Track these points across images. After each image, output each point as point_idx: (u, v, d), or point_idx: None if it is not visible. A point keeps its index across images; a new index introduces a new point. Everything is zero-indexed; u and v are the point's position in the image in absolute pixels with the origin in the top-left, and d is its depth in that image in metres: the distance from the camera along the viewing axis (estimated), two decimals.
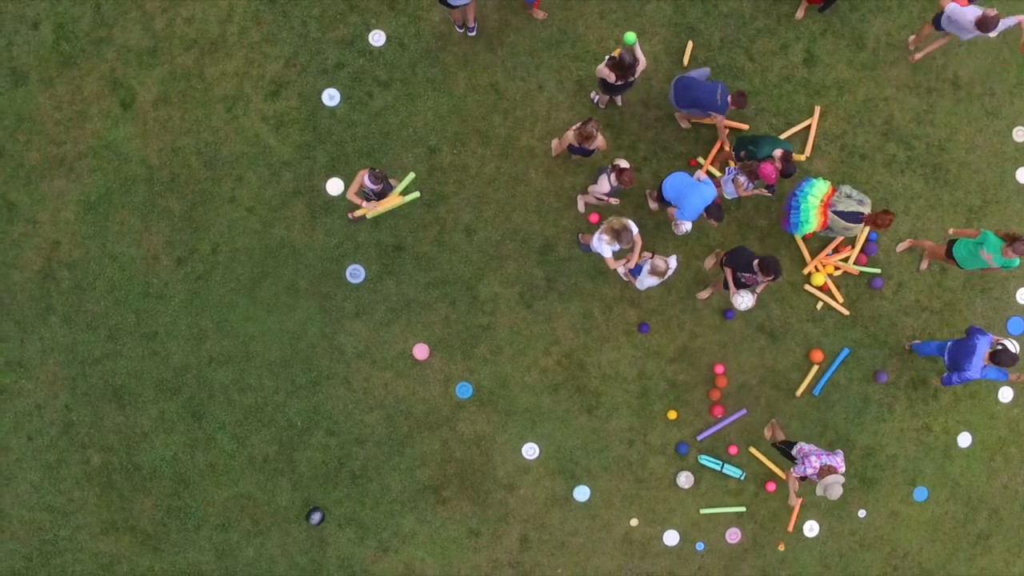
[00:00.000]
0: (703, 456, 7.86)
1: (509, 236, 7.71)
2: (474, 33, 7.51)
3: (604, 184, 6.77)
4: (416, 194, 6.57)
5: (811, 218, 7.22)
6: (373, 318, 7.67)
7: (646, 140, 7.77)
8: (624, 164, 6.71)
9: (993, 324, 8.18)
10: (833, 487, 6.47)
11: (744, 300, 6.65)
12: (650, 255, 6.73)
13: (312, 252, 7.64)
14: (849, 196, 7.15)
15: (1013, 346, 7.09)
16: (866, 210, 7.07)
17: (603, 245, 6.48)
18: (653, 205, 7.53)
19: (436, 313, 7.70)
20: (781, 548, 7.99)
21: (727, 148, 7.52)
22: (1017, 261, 6.69)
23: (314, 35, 7.63)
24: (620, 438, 7.83)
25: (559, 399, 7.78)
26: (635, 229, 6.44)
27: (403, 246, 7.66)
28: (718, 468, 7.86)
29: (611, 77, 6.53)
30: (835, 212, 7.11)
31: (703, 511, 7.85)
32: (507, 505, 7.82)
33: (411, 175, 6.52)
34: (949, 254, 7.19)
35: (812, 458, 6.67)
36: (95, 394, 7.65)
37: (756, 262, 6.48)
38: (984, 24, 6.66)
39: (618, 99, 7.62)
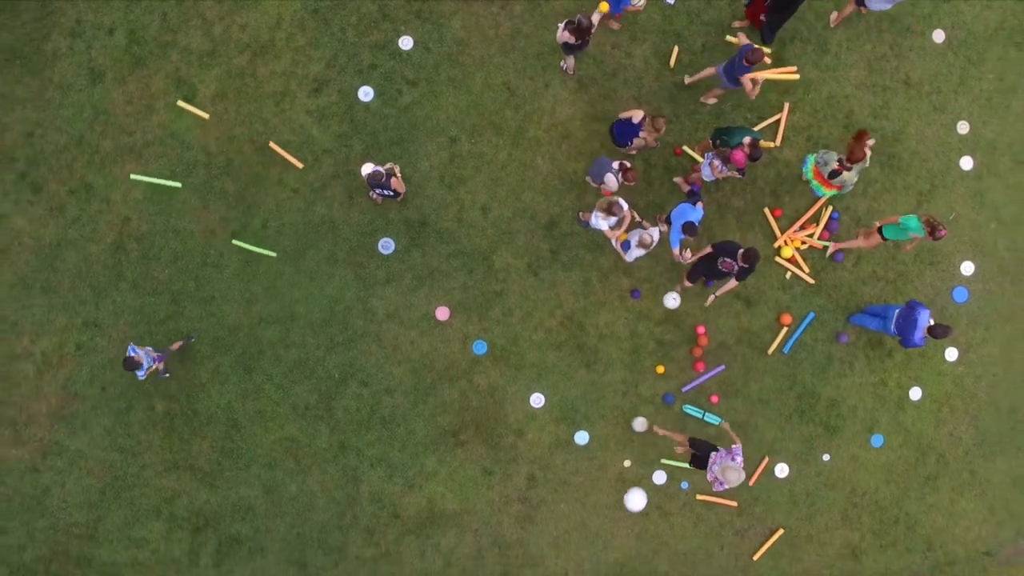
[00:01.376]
0: (687, 406, 9.04)
1: (519, 214, 8.90)
2: None
3: (612, 183, 7.89)
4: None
5: (818, 187, 8.36)
6: (401, 284, 8.86)
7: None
8: (628, 163, 7.83)
9: (940, 293, 9.37)
10: (728, 471, 7.42)
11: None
12: (644, 224, 7.88)
13: (348, 227, 8.82)
14: (826, 163, 8.18)
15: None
16: (835, 164, 8.04)
17: (600, 220, 7.66)
18: (663, 227, 8.48)
19: (456, 280, 8.89)
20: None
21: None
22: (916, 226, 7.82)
23: (351, 40, 8.83)
24: (615, 389, 9.01)
25: (562, 355, 8.97)
26: (625, 204, 7.62)
27: (427, 222, 8.85)
28: (700, 416, 9.04)
29: (571, 39, 7.61)
30: (829, 178, 8.18)
31: (663, 460, 9.00)
32: (517, 448, 9.00)
33: None
34: (883, 236, 8.27)
35: (715, 467, 7.68)
36: (160, 350, 8.82)
37: (741, 252, 7.55)
38: None
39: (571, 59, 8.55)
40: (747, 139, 7.77)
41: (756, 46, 7.64)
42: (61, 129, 8.74)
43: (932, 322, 8.02)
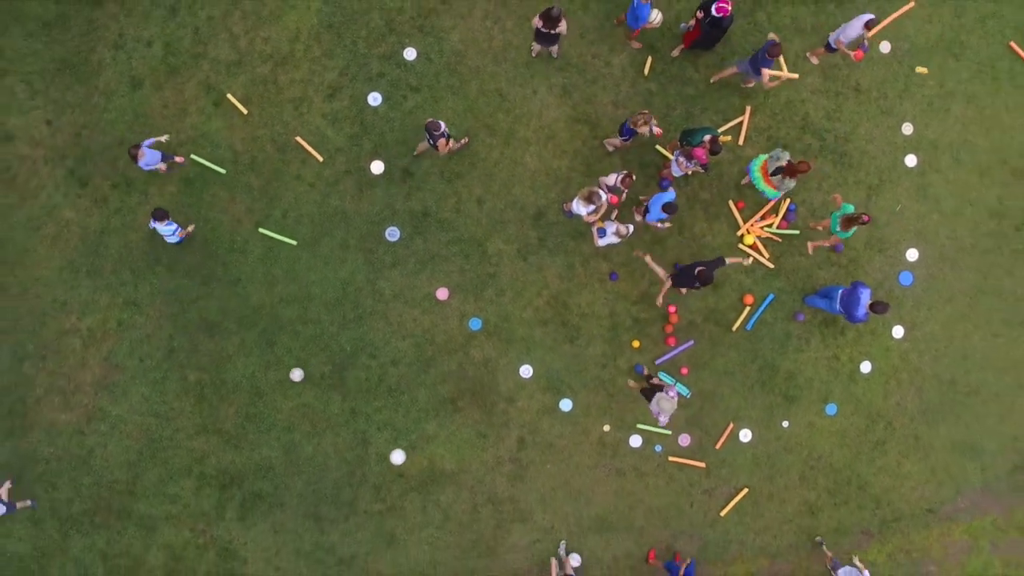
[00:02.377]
0: (661, 373, 10.14)
1: (510, 205, 10.02)
2: None
3: (612, 178, 8.97)
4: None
5: (762, 184, 9.48)
6: (406, 268, 9.98)
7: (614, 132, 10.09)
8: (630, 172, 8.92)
9: (888, 277, 10.47)
10: (663, 402, 8.56)
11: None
12: (615, 222, 9.00)
13: (359, 217, 9.95)
14: (777, 158, 9.32)
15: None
16: (784, 162, 9.19)
17: (580, 206, 8.78)
18: (638, 218, 9.64)
19: (454, 264, 10.01)
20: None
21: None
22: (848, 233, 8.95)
23: (362, 51, 9.96)
24: (595, 362, 10.12)
25: (548, 331, 10.08)
26: (604, 195, 8.73)
27: (429, 213, 9.97)
28: (671, 384, 10.12)
29: (538, 23, 8.64)
30: (771, 174, 9.33)
31: (639, 425, 10.11)
32: (508, 414, 10.11)
33: None
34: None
35: (663, 417, 8.80)
36: (191, 326, 9.94)
37: (698, 270, 8.63)
38: (869, 25, 8.89)
39: (553, 50, 9.56)
40: (707, 136, 8.88)
41: (777, 41, 8.72)
42: (105, 130, 9.87)
43: (872, 300, 9.13)
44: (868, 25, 8.98)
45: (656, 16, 8.98)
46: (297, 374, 9.84)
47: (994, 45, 10.51)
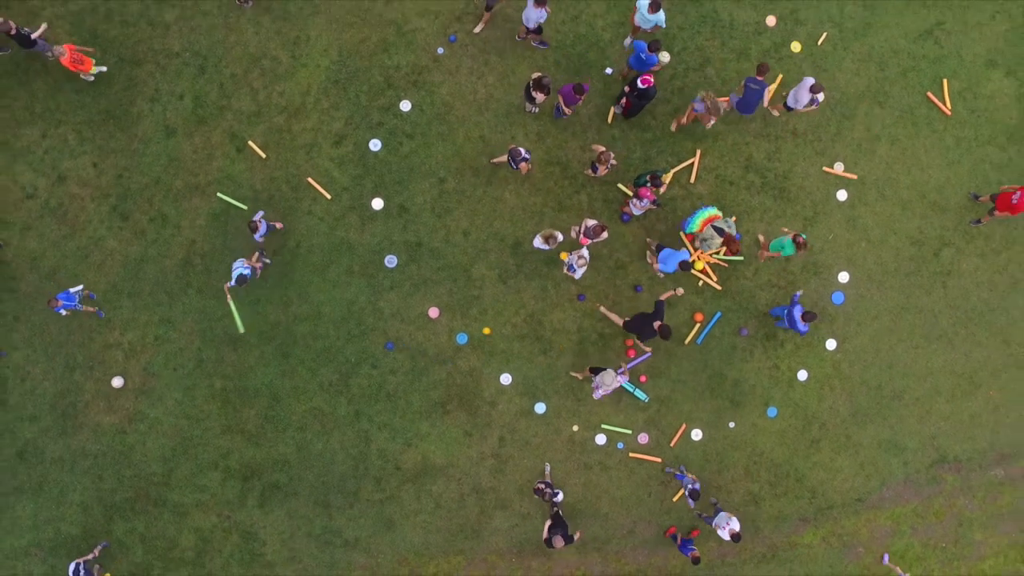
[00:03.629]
0: (624, 383, 11.70)
1: (491, 237, 11.61)
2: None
3: (591, 223, 10.51)
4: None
5: (696, 226, 11.09)
6: (402, 290, 11.57)
7: (581, 169, 11.66)
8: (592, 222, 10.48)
9: (822, 296, 12.02)
10: (605, 376, 10.16)
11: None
12: (575, 253, 10.55)
13: (362, 247, 11.54)
14: (728, 224, 10.95)
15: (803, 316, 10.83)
16: (730, 231, 10.84)
17: (540, 243, 10.33)
18: (652, 262, 11.14)
19: (443, 287, 11.60)
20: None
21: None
22: (790, 250, 10.46)
23: (364, 103, 11.54)
24: (566, 371, 11.70)
25: (525, 344, 11.67)
26: (560, 237, 10.27)
27: (422, 243, 11.57)
28: (632, 391, 11.72)
29: (533, 88, 10.15)
30: (713, 226, 10.95)
31: (603, 425, 11.70)
32: (490, 416, 11.70)
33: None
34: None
35: (600, 391, 10.41)
36: (218, 340, 11.55)
37: (657, 324, 10.16)
38: (813, 89, 10.44)
39: (568, 110, 10.98)
40: (649, 175, 10.44)
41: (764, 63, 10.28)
42: (143, 172, 11.47)
43: (803, 311, 10.70)
44: (812, 89, 10.52)
45: (665, 57, 10.85)
46: (117, 381, 11.31)
47: (914, 94, 12.04)
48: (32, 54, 11.12)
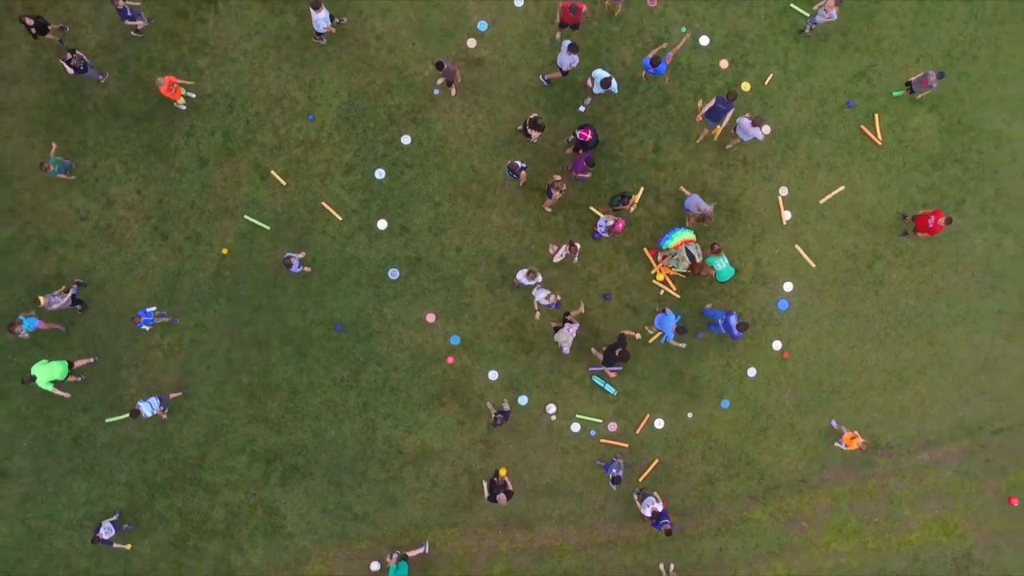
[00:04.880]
0: (595, 378, 13.52)
1: (481, 252, 13.42)
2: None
3: (563, 251, 12.33)
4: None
5: (672, 244, 12.84)
6: (403, 299, 13.39)
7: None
8: (577, 245, 12.30)
9: (768, 304, 13.80)
10: (561, 334, 12.02)
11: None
12: (557, 297, 12.36)
13: (369, 261, 13.36)
14: (698, 250, 12.69)
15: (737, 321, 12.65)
16: (700, 258, 12.62)
17: (522, 275, 12.15)
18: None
19: (439, 296, 13.41)
20: (638, 432, 13.65)
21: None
22: (725, 270, 12.27)
23: (370, 138, 13.35)
24: (544, 368, 13.51)
25: (509, 345, 13.48)
26: (540, 277, 12.09)
27: (420, 258, 13.38)
28: (602, 385, 13.51)
29: (531, 129, 12.06)
30: (687, 249, 12.69)
31: (578, 415, 13.51)
32: (480, 407, 13.51)
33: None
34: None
35: (566, 347, 12.23)
36: (245, 342, 13.39)
37: (618, 351, 12.06)
38: (758, 123, 12.20)
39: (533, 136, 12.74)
40: (620, 195, 12.26)
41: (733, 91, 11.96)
42: (180, 197, 13.31)
43: (738, 322, 12.50)
44: (754, 123, 12.28)
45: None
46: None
47: (849, 128, 13.80)
48: (85, 96, 12.99)
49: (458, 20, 13.44)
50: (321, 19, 12.32)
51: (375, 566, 13.48)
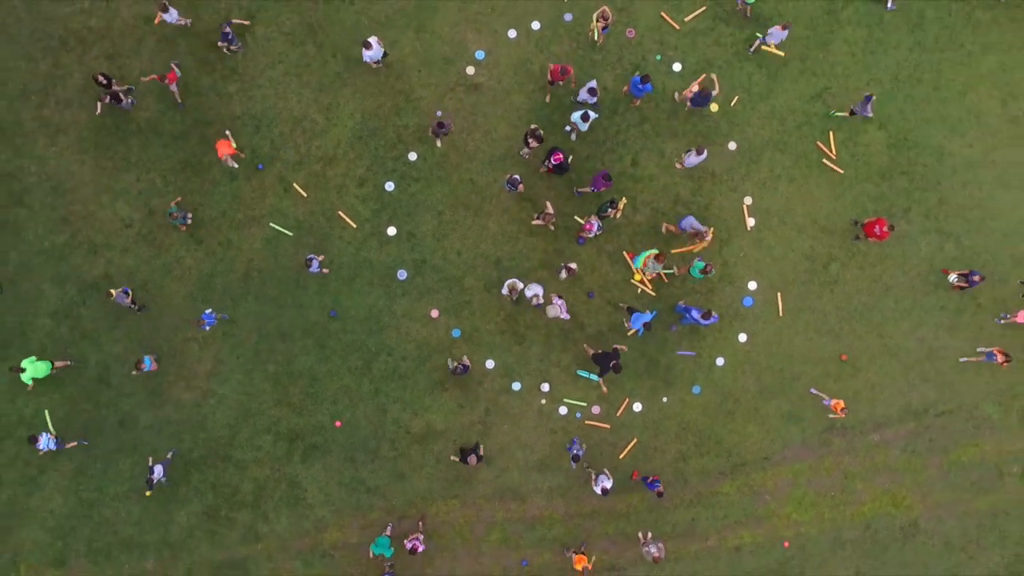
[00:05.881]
0: (580, 371, 15.25)
1: (478, 256, 15.16)
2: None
3: (562, 273, 14.09)
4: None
5: (641, 263, 14.55)
6: (410, 296, 15.15)
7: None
8: (573, 265, 14.05)
9: (735, 300, 15.52)
10: (550, 310, 13.74)
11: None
12: (550, 298, 14.09)
13: (380, 264, 15.12)
14: (658, 267, 14.40)
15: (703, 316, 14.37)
16: (659, 271, 14.38)
17: (505, 289, 13.91)
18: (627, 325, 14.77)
19: (442, 294, 15.16)
20: (619, 415, 15.38)
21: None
22: (694, 268, 14.02)
23: (381, 154, 15.11)
24: (536, 358, 15.26)
25: (504, 337, 15.22)
26: (520, 286, 13.84)
27: (425, 261, 15.13)
28: (587, 376, 15.24)
29: (531, 140, 13.79)
30: (654, 261, 14.42)
31: (565, 400, 15.25)
32: (478, 392, 15.26)
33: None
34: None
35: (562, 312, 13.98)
36: (271, 335, 15.15)
37: (612, 363, 13.77)
38: (700, 150, 13.95)
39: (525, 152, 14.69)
40: (608, 202, 13.99)
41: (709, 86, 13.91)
42: (213, 207, 15.07)
43: (702, 312, 14.24)
44: (699, 151, 14.01)
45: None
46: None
47: (807, 143, 15.51)
48: (129, 118, 14.78)
49: (458, 50, 15.19)
50: (371, 56, 13.99)
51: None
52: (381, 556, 14.40)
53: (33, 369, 14.00)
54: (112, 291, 14.12)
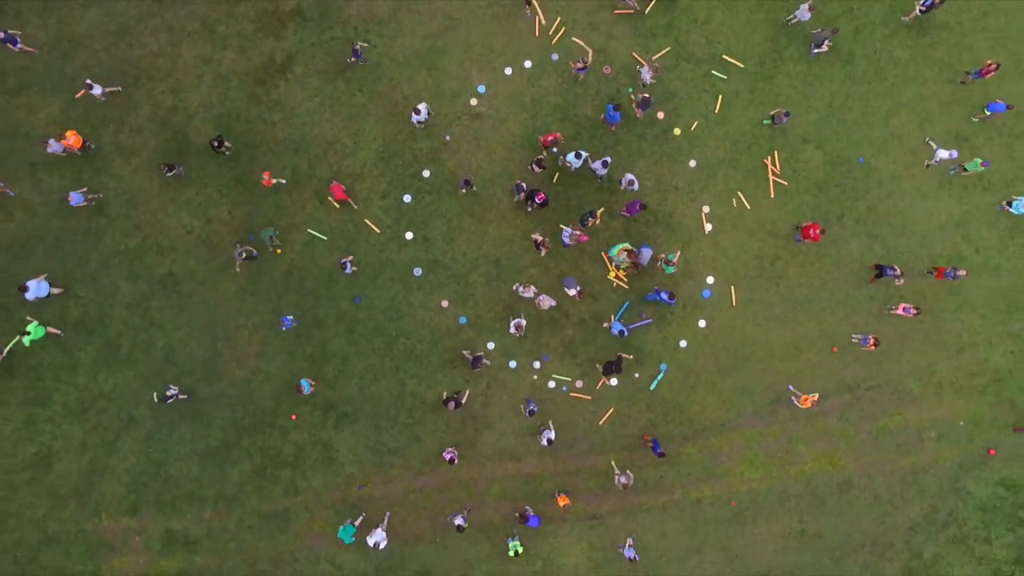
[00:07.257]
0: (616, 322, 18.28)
1: (481, 255, 18.20)
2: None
3: (572, 287, 17.15)
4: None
5: (615, 252, 17.59)
6: (424, 290, 18.20)
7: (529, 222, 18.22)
8: (575, 285, 17.11)
9: (695, 292, 18.52)
10: (544, 301, 16.85)
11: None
12: (542, 296, 17.13)
13: (399, 262, 18.16)
14: (623, 261, 17.42)
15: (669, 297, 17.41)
16: (637, 259, 17.39)
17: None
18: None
19: (451, 287, 18.20)
20: (599, 386, 18.40)
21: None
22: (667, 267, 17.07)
23: (399, 171, 18.16)
24: (529, 340, 18.28)
25: (502, 323, 18.25)
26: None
27: (437, 260, 18.18)
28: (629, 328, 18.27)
29: (534, 164, 16.89)
30: (626, 253, 17.41)
31: (553, 375, 18.28)
32: (481, 371, 18.28)
33: None
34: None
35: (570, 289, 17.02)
36: (309, 323, 18.17)
37: (614, 367, 16.83)
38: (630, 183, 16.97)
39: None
40: (588, 212, 17.02)
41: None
42: (260, 216, 18.12)
43: (669, 292, 17.26)
44: (629, 183, 17.03)
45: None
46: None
47: (755, 161, 18.52)
48: (190, 141, 17.88)
49: (463, 84, 18.24)
50: (418, 119, 17.07)
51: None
52: (341, 541, 17.36)
53: (35, 332, 17.10)
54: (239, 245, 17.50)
